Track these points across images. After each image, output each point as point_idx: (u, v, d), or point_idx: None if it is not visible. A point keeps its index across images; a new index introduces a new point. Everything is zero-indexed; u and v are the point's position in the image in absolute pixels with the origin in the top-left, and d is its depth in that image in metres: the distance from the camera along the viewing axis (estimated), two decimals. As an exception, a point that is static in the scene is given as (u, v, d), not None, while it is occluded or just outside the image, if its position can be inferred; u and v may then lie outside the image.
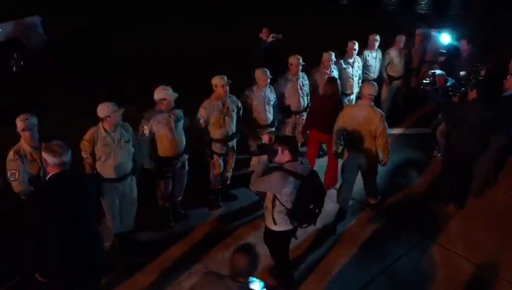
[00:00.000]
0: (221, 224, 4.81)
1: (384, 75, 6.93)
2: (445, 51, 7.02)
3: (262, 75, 4.98)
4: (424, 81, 6.07)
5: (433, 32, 7.37)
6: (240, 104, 4.87)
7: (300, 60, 5.40)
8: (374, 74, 6.78)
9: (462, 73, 5.96)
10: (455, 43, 6.96)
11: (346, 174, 4.69)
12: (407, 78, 7.26)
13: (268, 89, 5.11)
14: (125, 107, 3.93)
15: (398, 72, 6.97)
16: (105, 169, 3.90)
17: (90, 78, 8.24)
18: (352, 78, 6.28)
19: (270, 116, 5.16)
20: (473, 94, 4.67)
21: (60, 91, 7.66)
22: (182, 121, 4.42)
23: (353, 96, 6.35)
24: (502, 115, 4.67)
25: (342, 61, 6.19)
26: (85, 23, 12.20)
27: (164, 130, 4.27)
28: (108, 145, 3.87)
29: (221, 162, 4.90)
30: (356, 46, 6.26)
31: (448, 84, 5.86)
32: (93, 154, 3.88)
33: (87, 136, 3.86)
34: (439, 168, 5.54)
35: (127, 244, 4.29)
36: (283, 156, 3.29)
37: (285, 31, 7.22)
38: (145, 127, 4.25)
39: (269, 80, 5.05)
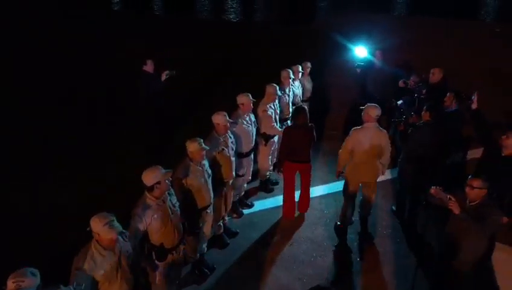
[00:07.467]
0: None
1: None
2: (362, 64, 6.92)
3: (222, 119, 4.42)
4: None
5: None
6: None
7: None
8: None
9: (399, 102, 5.85)
10: (370, 56, 6.96)
11: (351, 193, 4.92)
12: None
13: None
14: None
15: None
16: None
17: None
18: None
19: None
20: (426, 116, 4.79)
21: None
22: None
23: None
24: (450, 133, 4.83)
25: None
26: None
27: None
28: None
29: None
30: (291, 75, 5.89)
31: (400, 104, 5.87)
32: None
33: None
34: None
35: None
36: None
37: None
38: None
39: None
